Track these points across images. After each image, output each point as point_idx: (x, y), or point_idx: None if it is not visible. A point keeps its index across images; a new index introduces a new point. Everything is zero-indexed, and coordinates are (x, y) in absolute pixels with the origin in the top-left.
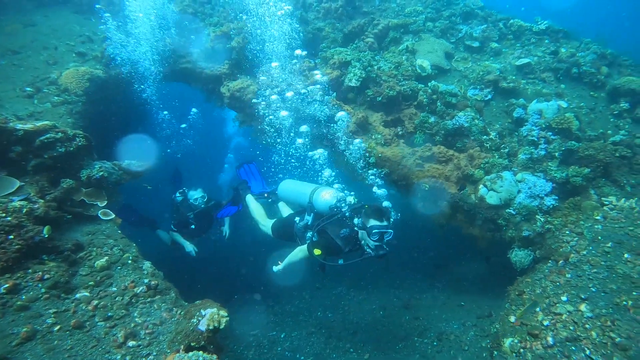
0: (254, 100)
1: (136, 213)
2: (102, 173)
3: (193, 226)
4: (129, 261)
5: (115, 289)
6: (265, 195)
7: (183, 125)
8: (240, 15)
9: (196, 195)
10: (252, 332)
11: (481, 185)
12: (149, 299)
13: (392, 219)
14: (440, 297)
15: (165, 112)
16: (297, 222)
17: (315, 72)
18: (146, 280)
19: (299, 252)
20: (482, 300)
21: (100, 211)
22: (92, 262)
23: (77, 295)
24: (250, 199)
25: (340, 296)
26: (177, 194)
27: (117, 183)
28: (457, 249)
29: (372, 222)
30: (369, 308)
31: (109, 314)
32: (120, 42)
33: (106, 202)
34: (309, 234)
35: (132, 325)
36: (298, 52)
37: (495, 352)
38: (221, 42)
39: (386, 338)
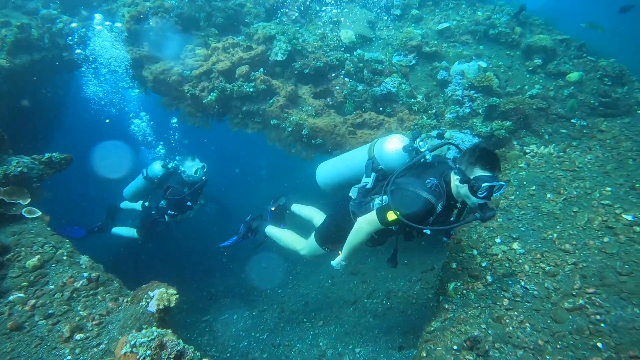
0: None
1: (81, 229)
2: (20, 168)
3: (189, 203)
4: (64, 257)
5: (52, 286)
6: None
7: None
8: None
9: (196, 165)
10: (204, 318)
11: None
12: (91, 292)
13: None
14: (384, 259)
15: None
16: (352, 197)
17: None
18: (85, 274)
19: (360, 230)
20: (424, 255)
21: (24, 209)
22: (22, 262)
23: (10, 298)
24: (271, 231)
25: (287, 272)
26: (161, 169)
27: (39, 178)
28: None
29: (479, 172)
30: (317, 279)
31: (50, 311)
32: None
33: (29, 199)
34: (378, 200)
35: (77, 319)
36: None
37: (441, 297)
38: (138, 23)
39: (337, 304)
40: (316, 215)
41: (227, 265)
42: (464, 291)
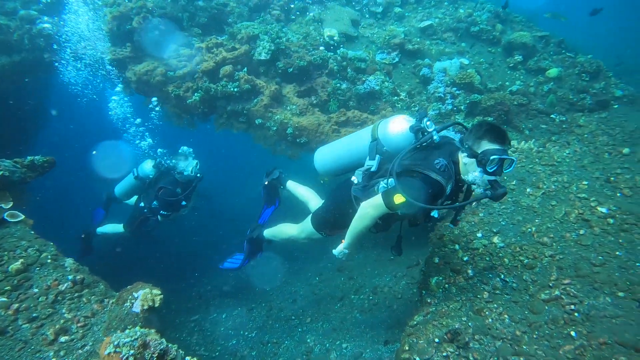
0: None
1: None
2: (1, 172)
3: (184, 202)
4: (48, 260)
5: (37, 289)
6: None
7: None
8: None
9: (191, 164)
10: (193, 317)
11: None
12: (76, 294)
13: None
14: (371, 255)
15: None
16: (355, 181)
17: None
18: (70, 277)
19: (365, 215)
20: (409, 251)
21: (6, 213)
22: (5, 266)
23: None
24: (269, 232)
25: (275, 270)
26: (152, 169)
27: (22, 182)
28: None
29: (488, 146)
30: (305, 276)
31: (34, 314)
32: None
33: (11, 203)
34: (383, 183)
35: (62, 321)
36: None
37: (424, 292)
38: (120, 24)
39: (325, 301)
40: (312, 199)
41: (216, 264)
42: (446, 285)
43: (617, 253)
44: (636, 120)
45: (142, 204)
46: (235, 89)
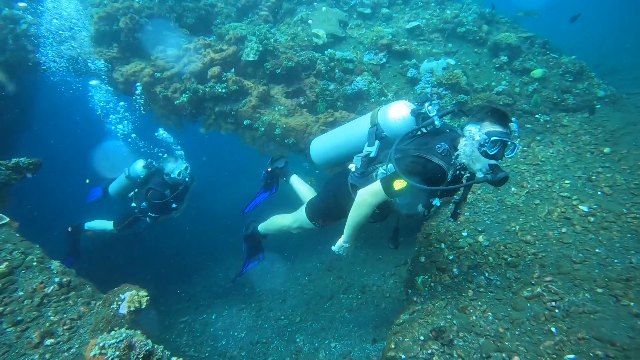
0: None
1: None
2: None
3: (174, 204)
4: (34, 263)
5: (22, 293)
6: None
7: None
8: None
9: (179, 167)
10: (182, 319)
11: None
12: (62, 297)
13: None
14: (360, 255)
15: None
16: (352, 168)
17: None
18: (57, 279)
19: (363, 203)
20: (397, 250)
21: None
22: None
23: None
24: (262, 226)
25: (265, 270)
26: (142, 169)
27: (6, 184)
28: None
29: (489, 128)
30: (295, 276)
31: (19, 318)
32: None
33: None
34: (382, 169)
35: (47, 324)
36: None
37: (410, 290)
38: (107, 24)
39: (314, 300)
40: (310, 195)
41: (205, 265)
42: (432, 284)
43: (597, 250)
44: (617, 120)
45: (133, 204)
46: (224, 90)
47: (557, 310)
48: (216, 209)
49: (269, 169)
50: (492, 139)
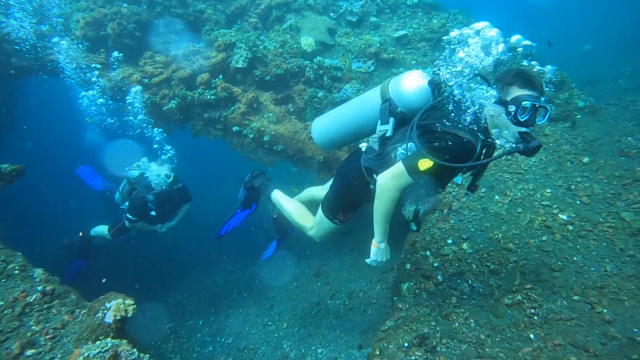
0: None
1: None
2: None
3: (153, 212)
4: (15, 272)
5: (2, 302)
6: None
7: None
8: None
9: (159, 171)
10: (169, 325)
11: None
12: (45, 306)
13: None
14: (347, 261)
15: None
16: (364, 150)
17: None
18: (39, 288)
19: (386, 189)
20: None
21: None
22: None
23: None
24: (277, 197)
25: (253, 276)
26: (132, 168)
27: None
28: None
29: (518, 92)
30: (283, 282)
31: None
32: None
33: None
34: (401, 149)
35: (29, 334)
36: None
37: (396, 297)
38: (94, 30)
39: (302, 306)
40: (316, 192)
41: (193, 270)
42: (417, 290)
43: (575, 258)
44: (596, 130)
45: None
46: (213, 97)
47: (535, 317)
48: (202, 214)
49: (247, 186)
50: (523, 104)
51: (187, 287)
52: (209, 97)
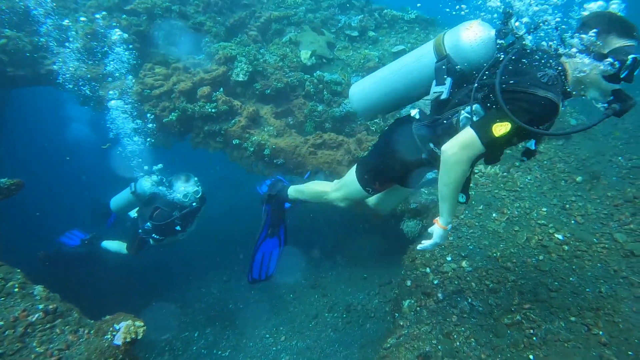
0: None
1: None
2: None
3: (179, 227)
4: (15, 289)
5: (2, 322)
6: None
7: None
8: None
9: (189, 189)
10: (163, 337)
11: None
12: (48, 325)
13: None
14: (344, 273)
15: None
16: (416, 115)
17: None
18: (41, 306)
19: (455, 160)
20: (382, 270)
21: None
22: None
23: None
24: (295, 190)
25: (248, 286)
26: (151, 185)
27: None
28: (355, 227)
29: (618, 42)
30: (279, 293)
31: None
32: None
33: None
34: (465, 113)
35: (33, 356)
36: None
37: (397, 314)
38: (94, 40)
39: (299, 319)
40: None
41: (187, 280)
42: (418, 308)
43: (571, 279)
44: (587, 148)
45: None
46: (213, 110)
47: (534, 338)
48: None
49: (271, 194)
50: (631, 56)
51: (182, 297)
52: (209, 110)
